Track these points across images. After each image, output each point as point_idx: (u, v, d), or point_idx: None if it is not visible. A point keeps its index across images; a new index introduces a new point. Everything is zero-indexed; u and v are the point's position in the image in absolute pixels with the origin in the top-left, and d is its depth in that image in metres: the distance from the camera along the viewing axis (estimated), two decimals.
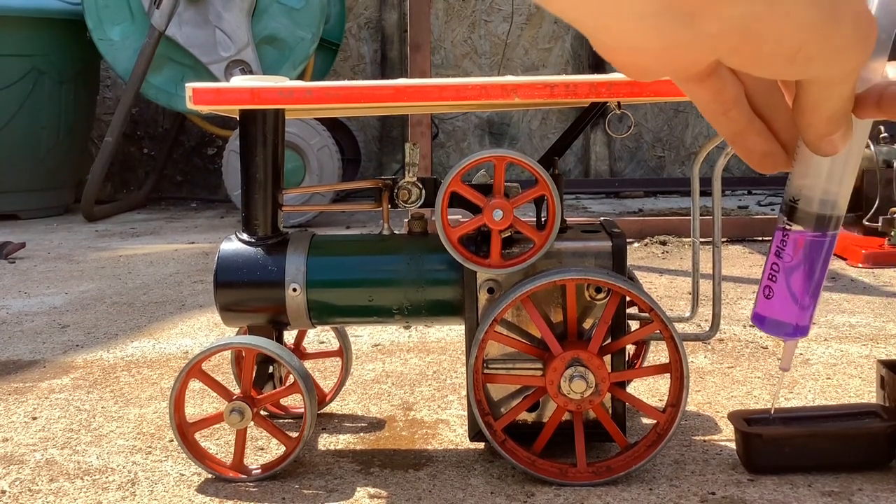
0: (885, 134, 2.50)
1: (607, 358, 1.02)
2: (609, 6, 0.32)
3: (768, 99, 0.38)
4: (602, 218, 1.16)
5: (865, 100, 0.38)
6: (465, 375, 1.26)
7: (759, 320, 0.46)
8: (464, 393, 1.34)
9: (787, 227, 0.44)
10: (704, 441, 1.14)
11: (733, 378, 1.39)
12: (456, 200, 1.03)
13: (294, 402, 1.29)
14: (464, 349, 1.19)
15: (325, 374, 1.46)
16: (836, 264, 2.33)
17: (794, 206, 0.43)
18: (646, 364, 1.27)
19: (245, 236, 1.10)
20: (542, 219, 1.06)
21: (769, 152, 0.39)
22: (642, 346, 1.28)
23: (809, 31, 0.32)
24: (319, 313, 1.09)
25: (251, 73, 3.45)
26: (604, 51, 0.34)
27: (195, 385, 1.35)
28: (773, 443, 1.02)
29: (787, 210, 0.43)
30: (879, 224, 2.34)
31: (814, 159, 0.40)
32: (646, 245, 2.68)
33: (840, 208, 0.43)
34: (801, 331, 0.45)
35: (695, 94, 0.37)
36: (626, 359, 1.08)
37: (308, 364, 1.45)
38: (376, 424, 1.23)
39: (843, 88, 0.35)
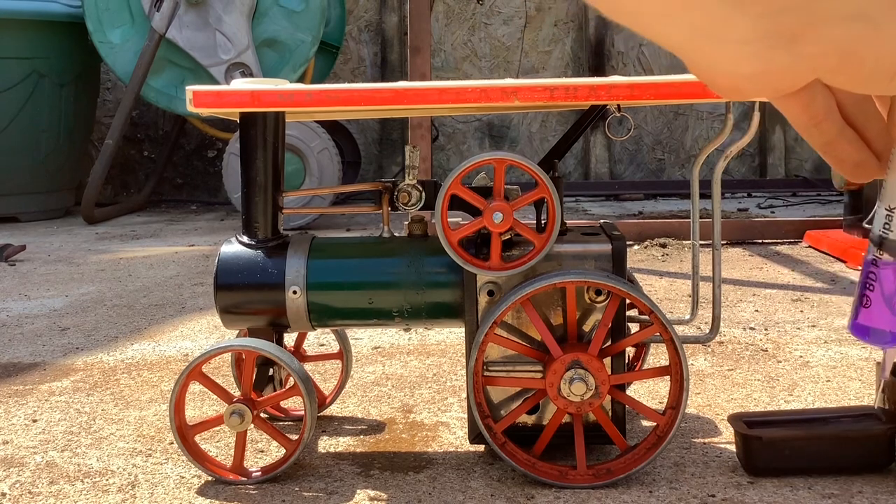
0: None
1: (607, 360, 1.03)
2: (709, 33, 0.32)
3: (860, 108, 0.38)
4: (602, 220, 1.17)
5: None
6: (465, 378, 1.26)
7: (860, 331, 0.46)
8: (464, 395, 1.34)
9: (878, 257, 0.44)
10: (704, 443, 1.14)
11: (733, 380, 1.39)
12: (456, 203, 1.03)
13: (294, 404, 1.29)
14: (464, 351, 1.19)
15: (325, 376, 1.46)
16: (835, 266, 2.33)
17: (885, 236, 0.43)
18: (646, 366, 1.28)
19: (245, 239, 1.11)
20: (542, 221, 1.06)
21: (862, 161, 0.39)
22: (642, 348, 1.29)
23: None
24: (319, 316, 1.10)
25: (251, 75, 3.45)
26: (699, 74, 0.34)
27: (195, 387, 1.35)
28: (772, 445, 1.02)
29: (878, 241, 0.44)
30: None
31: None
32: (646, 247, 2.68)
33: None
34: None
35: (785, 108, 0.37)
36: (626, 361, 1.08)
37: (308, 366, 1.45)
38: (376, 427, 1.23)
39: None
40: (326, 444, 1.17)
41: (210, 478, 1.06)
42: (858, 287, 0.45)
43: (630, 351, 1.27)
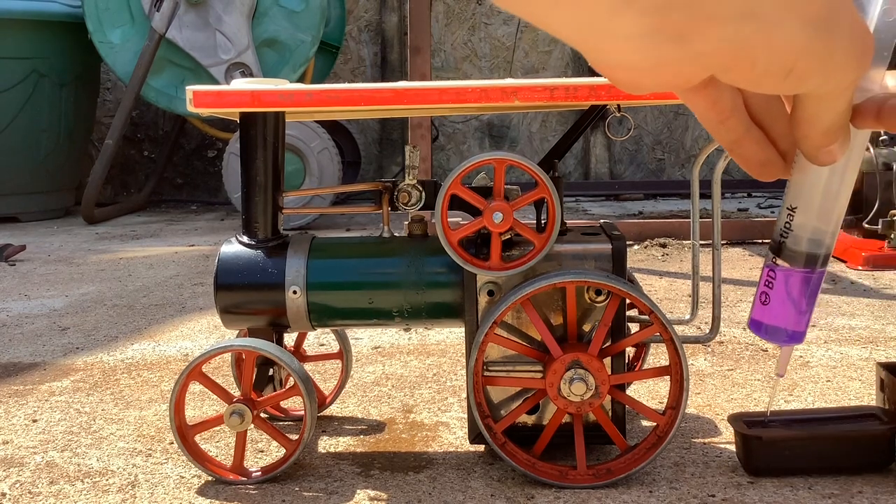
0: (885, 136, 2.50)
1: (607, 360, 1.03)
2: (597, 25, 0.31)
3: (767, 107, 0.38)
4: (602, 220, 1.17)
5: (864, 111, 0.37)
6: (465, 378, 1.26)
7: (756, 326, 0.46)
8: (464, 395, 1.34)
9: (774, 263, 0.44)
10: (704, 443, 1.14)
11: (733, 380, 1.39)
12: (456, 203, 1.03)
13: (294, 404, 1.29)
14: (464, 351, 1.19)
15: (325, 376, 1.46)
16: (835, 266, 2.33)
17: (783, 242, 0.43)
18: (646, 366, 1.28)
19: (245, 239, 1.11)
20: (542, 221, 1.06)
21: (767, 160, 0.39)
22: (642, 348, 1.29)
23: (802, 49, 0.32)
24: (319, 316, 1.10)
25: (251, 75, 3.46)
26: (597, 66, 0.34)
27: (195, 387, 1.35)
28: (772, 445, 1.02)
29: (776, 247, 0.44)
30: (879, 226, 2.34)
31: (811, 168, 0.40)
32: (646, 247, 2.68)
33: (828, 246, 0.43)
34: (796, 337, 0.45)
35: (692, 104, 0.37)
36: (626, 361, 1.08)
37: (308, 366, 1.45)
38: (376, 427, 1.23)
39: (839, 102, 0.35)
40: (326, 444, 1.17)
41: (210, 478, 1.06)
42: (758, 285, 0.46)
43: (630, 351, 1.27)
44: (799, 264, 0.43)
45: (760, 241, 2.76)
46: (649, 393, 1.33)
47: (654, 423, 1.03)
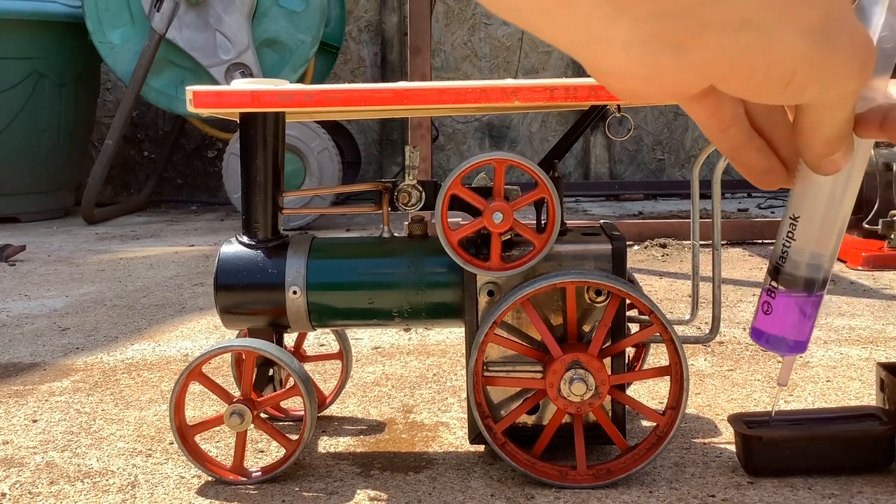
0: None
1: (607, 360, 1.03)
2: (592, 33, 0.31)
3: (768, 115, 0.38)
4: (602, 221, 1.17)
5: (868, 120, 0.37)
6: (465, 378, 1.26)
7: (757, 335, 0.46)
8: (464, 395, 1.34)
9: (773, 288, 0.44)
10: (704, 443, 1.14)
11: (733, 381, 1.39)
12: (456, 203, 1.03)
13: (294, 404, 1.29)
14: (464, 352, 1.19)
15: (325, 376, 1.46)
16: (836, 266, 2.33)
17: (781, 266, 0.43)
18: (646, 367, 1.27)
19: (245, 239, 1.11)
20: (542, 222, 1.06)
21: (769, 169, 0.39)
22: (642, 348, 1.29)
23: (802, 58, 0.32)
24: (319, 316, 1.10)
25: (251, 76, 3.45)
26: (594, 74, 0.33)
27: (195, 388, 1.35)
28: (772, 445, 1.02)
29: (773, 270, 0.44)
30: (879, 227, 2.34)
31: (814, 177, 0.40)
32: (645, 248, 2.68)
33: (827, 270, 0.43)
34: (799, 347, 0.45)
35: (693, 112, 0.37)
36: (626, 361, 1.08)
37: (308, 367, 1.45)
38: (376, 427, 1.23)
39: (841, 111, 0.35)
40: (326, 444, 1.17)
41: (210, 478, 1.06)
42: (760, 294, 0.45)
43: (630, 351, 1.27)
44: (798, 288, 0.43)
45: (760, 241, 2.76)
46: (649, 393, 1.33)
47: (654, 424, 1.03)
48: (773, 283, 0.44)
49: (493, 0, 0.31)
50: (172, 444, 1.18)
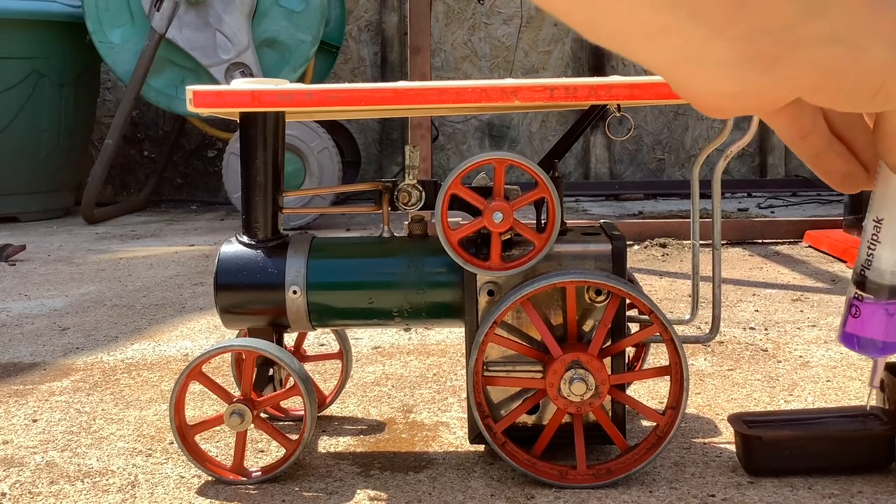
0: None
1: (607, 360, 1.03)
2: (688, 55, 0.32)
3: (847, 120, 0.38)
4: (602, 220, 1.17)
5: None
6: (465, 378, 1.26)
7: (848, 339, 0.46)
8: (464, 395, 1.34)
9: (859, 296, 0.44)
10: (704, 443, 1.14)
11: (733, 380, 1.39)
12: (456, 203, 1.03)
13: (294, 404, 1.29)
14: (464, 351, 1.19)
15: (325, 376, 1.46)
16: (836, 266, 2.33)
17: (864, 277, 0.43)
18: (646, 366, 1.28)
19: (245, 239, 1.11)
20: (542, 221, 1.06)
21: (850, 172, 0.39)
22: (642, 348, 1.29)
23: (889, 69, 0.32)
24: (320, 316, 1.10)
25: (251, 75, 3.46)
26: (683, 94, 0.34)
27: (195, 387, 1.35)
28: (772, 445, 1.02)
29: (858, 281, 0.44)
30: None
31: (895, 180, 0.41)
32: (645, 247, 2.68)
33: None
34: (889, 348, 0.45)
35: (773, 122, 0.37)
36: (626, 361, 1.08)
37: (308, 366, 1.45)
38: (376, 427, 1.23)
39: None
40: (326, 444, 1.17)
41: (210, 478, 1.06)
42: (847, 301, 0.46)
43: (630, 351, 1.27)
44: (884, 296, 0.44)
45: (760, 241, 2.76)
46: (649, 393, 1.33)
47: (654, 423, 1.03)
48: (859, 293, 0.44)
49: (591, 28, 0.32)
50: (172, 443, 1.18)
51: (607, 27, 0.32)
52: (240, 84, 1.03)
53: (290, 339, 1.30)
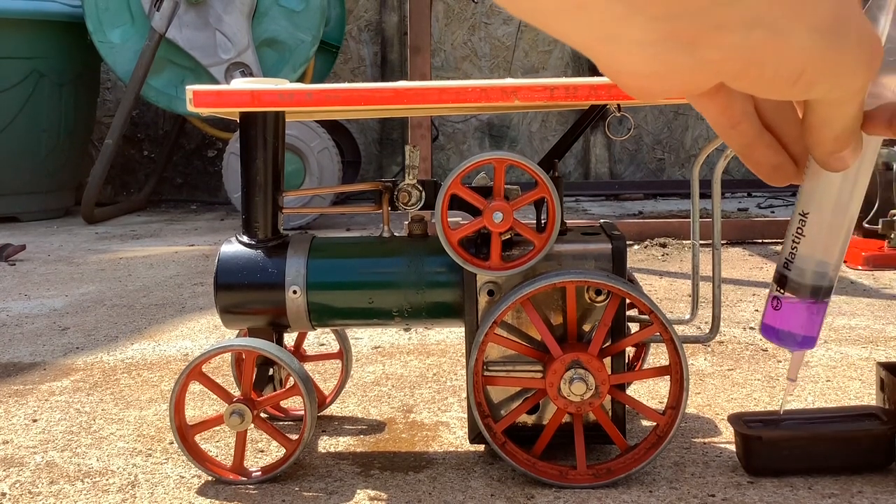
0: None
1: (607, 360, 1.03)
2: (606, 32, 0.32)
3: (778, 112, 0.38)
4: (602, 220, 1.17)
5: (876, 117, 0.38)
6: (465, 378, 1.26)
7: (767, 331, 0.46)
8: (464, 395, 1.34)
9: (779, 294, 0.44)
10: (704, 443, 1.14)
11: (733, 380, 1.39)
12: (456, 203, 1.03)
13: (294, 404, 1.29)
14: (464, 351, 1.19)
15: (325, 376, 1.46)
16: None
17: (787, 274, 0.43)
18: (646, 366, 1.27)
19: (245, 239, 1.11)
20: (542, 221, 1.06)
21: (779, 165, 0.39)
22: (642, 348, 1.28)
23: (810, 55, 0.32)
24: (320, 315, 1.09)
25: (251, 75, 3.45)
26: (606, 72, 0.34)
27: (195, 387, 1.35)
28: (772, 445, 1.02)
29: (779, 278, 0.44)
30: (879, 226, 2.34)
31: (823, 174, 0.40)
32: (645, 247, 2.68)
33: (832, 279, 0.43)
34: (808, 342, 0.45)
35: (703, 108, 0.37)
36: (626, 361, 1.08)
37: (308, 366, 1.45)
38: (376, 427, 1.23)
39: (849, 107, 0.35)
40: (326, 444, 1.17)
41: (210, 478, 1.06)
42: (769, 292, 0.46)
43: (630, 351, 1.27)
44: (805, 295, 0.44)
45: (760, 241, 2.76)
46: (649, 393, 1.33)
47: (654, 423, 1.03)
48: (780, 290, 0.44)
49: (511, 1, 0.32)
50: (172, 443, 1.18)
51: (525, 1, 0.32)
52: (240, 84, 1.03)
53: (290, 338, 1.30)
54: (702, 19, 0.31)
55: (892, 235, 2.30)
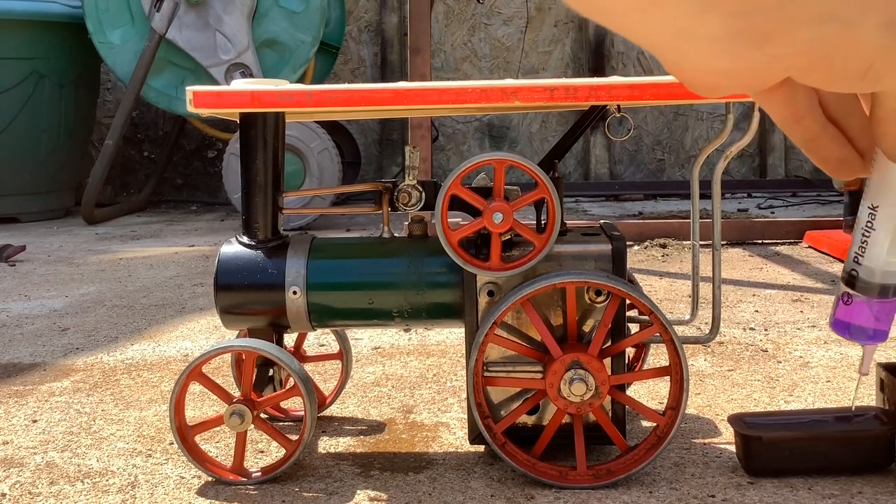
0: None
1: (607, 361, 1.03)
2: (679, 29, 0.32)
3: (843, 105, 0.38)
4: (602, 221, 1.17)
5: None
6: (465, 378, 1.26)
7: (838, 326, 0.46)
8: (464, 396, 1.34)
9: (849, 295, 0.44)
10: (704, 444, 1.14)
11: (733, 381, 1.39)
12: (456, 203, 1.03)
13: (294, 404, 1.29)
14: (464, 352, 1.19)
15: (325, 376, 1.46)
16: (836, 267, 2.33)
17: (856, 275, 0.43)
18: (646, 367, 1.28)
19: (245, 239, 1.11)
20: (542, 222, 1.06)
21: (845, 159, 0.39)
22: (642, 348, 1.29)
23: (879, 49, 0.32)
24: (320, 316, 1.10)
25: (251, 76, 3.45)
26: (672, 70, 0.34)
27: (195, 388, 1.35)
28: (772, 446, 1.02)
29: (848, 279, 0.43)
30: None
31: (891, 166, 0.40)
32: (645, 248, 2.68)
33: None
34: (879, 335, 0.45)
35: (766, 104, 0.37)
36: (626, 362, 1.08)
37: (308, 367, 1.45)
38: (376, 427, 1.23)
39: None
40: (326, 445, 1.17)
41: (210, 478, 1.06)
42: (837, 293, 0.45)
43: (630, 351, 1.27)
44: (873, 294, 0.43)
45: (760, 241, 2.76)
46: (649, 393, 1.33)
47: (654, 424, 1.03)
48: (849, 291, 0.44)
49: (582, 2, 0.32)
50: (172, 444, 1.18)
51: (598, 0, 0.32)
52: (240, 85, 1.03)
53: (290, 339, 1.30)
54: (776, 15, 0.31)
55: None
